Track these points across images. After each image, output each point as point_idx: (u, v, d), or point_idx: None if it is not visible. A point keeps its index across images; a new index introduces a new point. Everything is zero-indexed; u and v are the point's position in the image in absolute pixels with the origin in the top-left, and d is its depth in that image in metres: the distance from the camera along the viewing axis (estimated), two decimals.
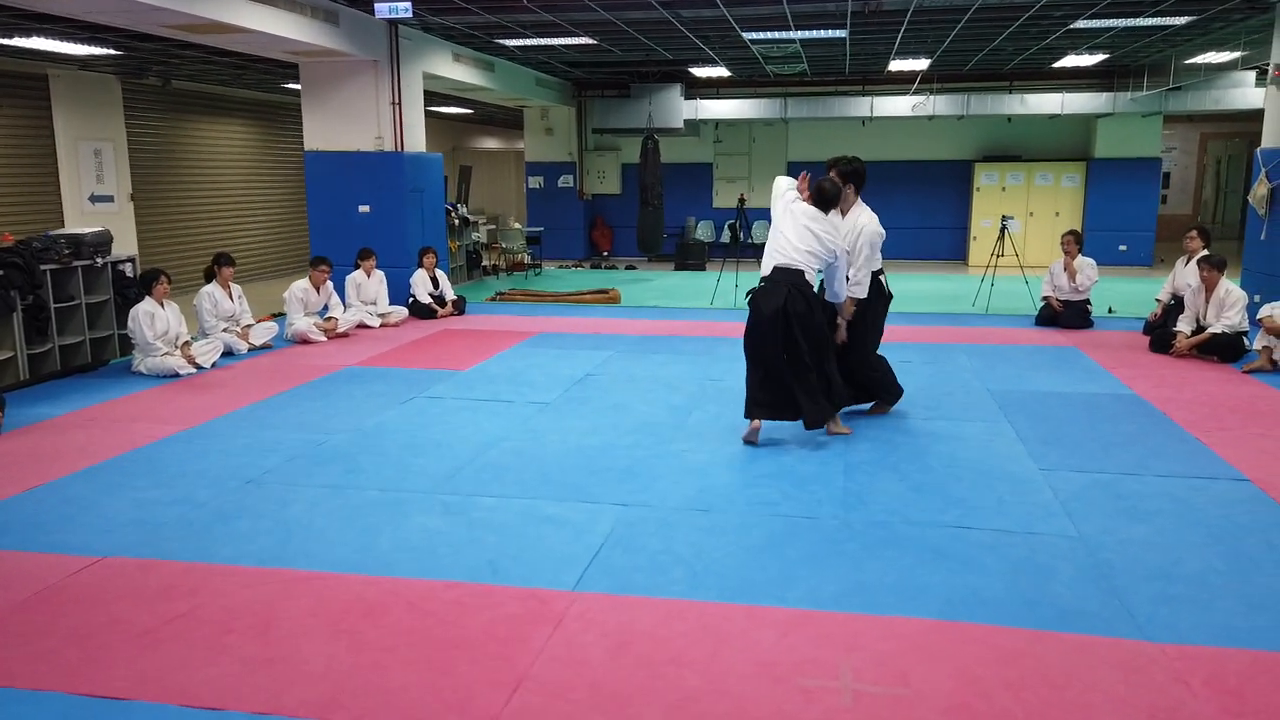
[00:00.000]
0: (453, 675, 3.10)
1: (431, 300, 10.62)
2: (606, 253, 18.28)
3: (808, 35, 11.50)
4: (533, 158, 18.20)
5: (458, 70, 12.27)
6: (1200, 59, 13.05)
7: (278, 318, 9.66)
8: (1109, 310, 10.88)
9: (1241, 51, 11.96)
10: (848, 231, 6.04)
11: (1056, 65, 14.73)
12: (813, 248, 5.76)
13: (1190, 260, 8.92)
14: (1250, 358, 7.81)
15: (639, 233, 15.41)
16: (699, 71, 15.45)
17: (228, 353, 8.36)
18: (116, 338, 8.17)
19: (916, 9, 9.88)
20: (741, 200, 12.70)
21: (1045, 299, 10.04)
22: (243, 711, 2.90)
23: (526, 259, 15.63)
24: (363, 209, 10.82)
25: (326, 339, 9.14)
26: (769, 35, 11.56)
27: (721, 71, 15.35)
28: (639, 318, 10.75)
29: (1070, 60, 14.12)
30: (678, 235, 17.44)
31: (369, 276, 10.06)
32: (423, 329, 9.91)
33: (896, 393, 6.46)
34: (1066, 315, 9.79)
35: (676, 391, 7.13)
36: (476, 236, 15.14)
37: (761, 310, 5.73)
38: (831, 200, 5.93)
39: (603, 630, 3.39)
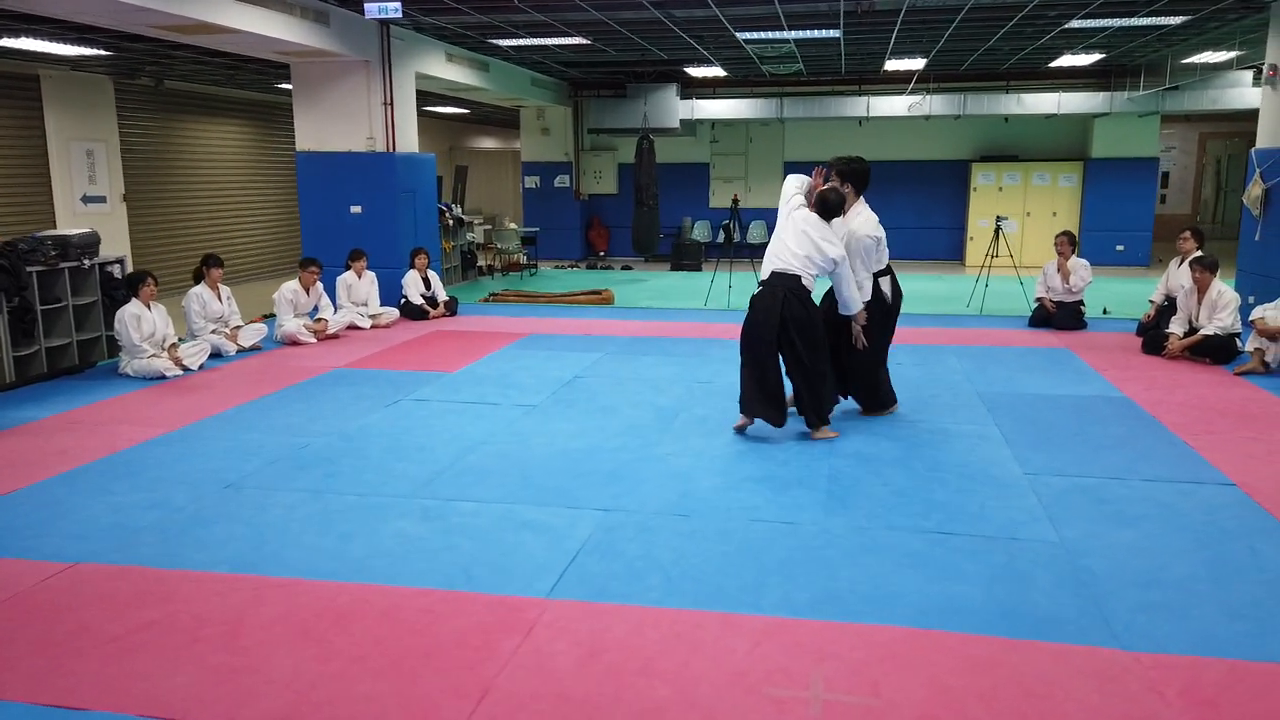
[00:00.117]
0: (418, 685, 3.07)
1: (423, 301, 10.58)
2: (603, 253, 18.24)
3: (801, 35, 11.47)
4: (529, 158, 18.18)
5: (451, 70, 12.24)
6: (1196, 59, 13.01)
7: (268, 319, 9.63)
8: (1104, 311, 10.84)
9: (1237, 51, 11.92)
10: (845, 234, 6.02)
11: (1053, 65, 14.69)
12: (810, 253, 5.78)
13: (1184, 261, 8.87)
14: (1242, 360, 7.76)
15: (634, 233, 15.38)
16: (695, 71, 15.42)
17: (216, 354, 8.33)
18: (104, 339, 8.13)
19: (909, 9, 9.84)
20: (735, 201, 12.67)
21: (1039, 300, 10.00)
22: None
23: (522, 259, 15.59)
24: (354, 210, 10.79)
25: (316, 340, 9.11)
26: (762, 35, 11.52)
27: (717, 71, 15.31)
28: (632, 319, 10.72)
29: (1066, 60, 14.08)
30: (674, 235, 17.40)
31: (360, 277, 10.03)
32: (414, 330, 9.88)
33: (886, 403, 6.43)
34: (1060, 316, 9.75)
35: (664, 394, 7.09)
36: (471, 237, 15.11)
37: (759, 313, 5.81)
38: (833, 209, 5.91)
39: (574, 639, 3.36)
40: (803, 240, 5.80)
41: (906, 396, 6.70)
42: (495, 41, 11.93)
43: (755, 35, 11.53)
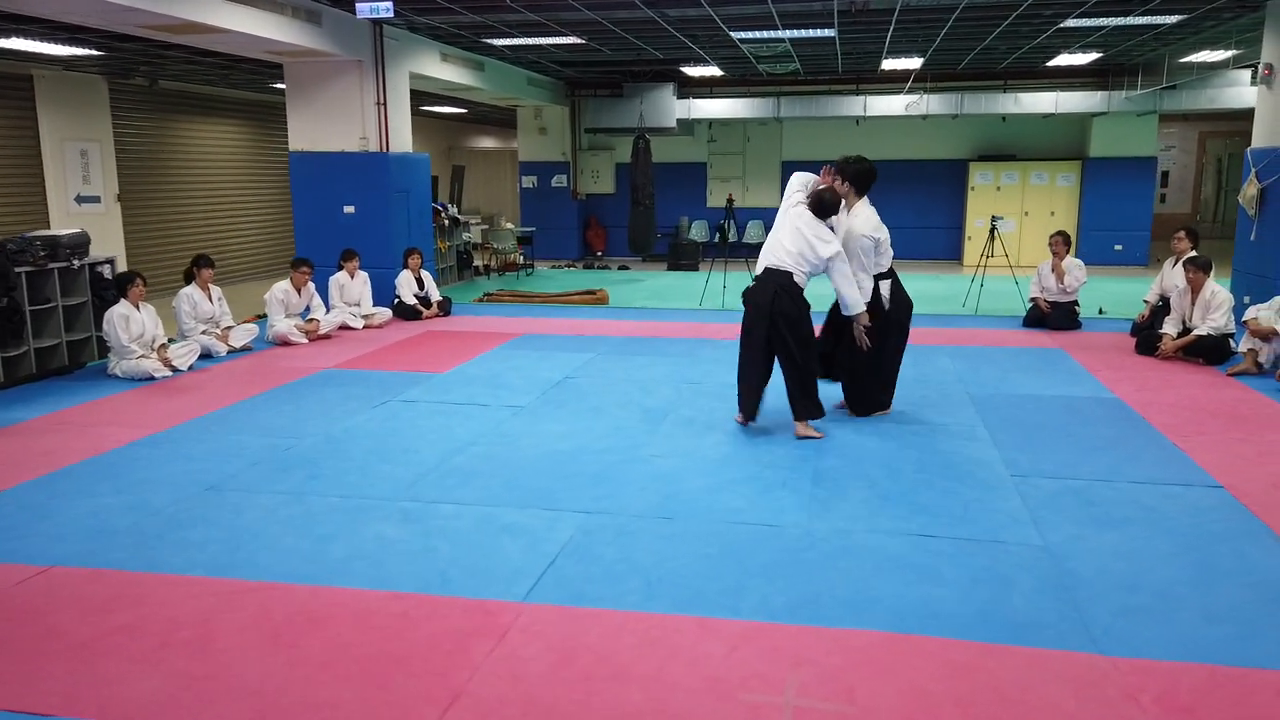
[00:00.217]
0: (388, 691, 3.04)
1: (416, 301, 10.56)
2: (600, 253, 18.20)
3: (796, 34, 11.43)
4: (526, 157, 18.14)
5: (446, 70, 12.21)
6: (1193, 58, 12.95)
7: (261, 320, 9.61)
8: (1099, 311, 10.79)
9: (1233, 51, 11.87)
10: (844, 234, 6.03)
11: (1050, 64, 14.64)
12: (803, 250, 5.81)
13: (1178, 261, 8.82)
14: (1235, 360, 7.72)
15: (630, 233, 15.34)
16: (691, 71, 15.38)
17: (206, 355, 8.31)
18: (95, 340, 8.11)
19: (904, 8, 9.80)
20: (730, 201, 12.63)
21: (1033, 300, 9.96)
22: None
23: (519, 259, 15.56)
24: (348, 210, 10.77)
25: (308, 341, 9.08)
26: (757, 34, 11.48)
27: (714, 71, 15.27)
28: (625, 319, 10.68)
29: (1064, 59, 14.03)
30: (671, 235, 17.36)
31: (352, 278, 10.00)
32: (406, 330, 9.86)
33: (874, 408, 6.40)
34: (1054, 316, 9.71)
35: (654, 395, 7.06)
36: (467, 237, 15.07)
37: (750, 309, 5.93)
38: (828, 208, 5.93)
39: (547, 643, 3.33)
40: (797, 238, 5.84)
41: (897, 397, 6.65)
42: (489, 41, 11.90)
43: (750, 34, 11.49)
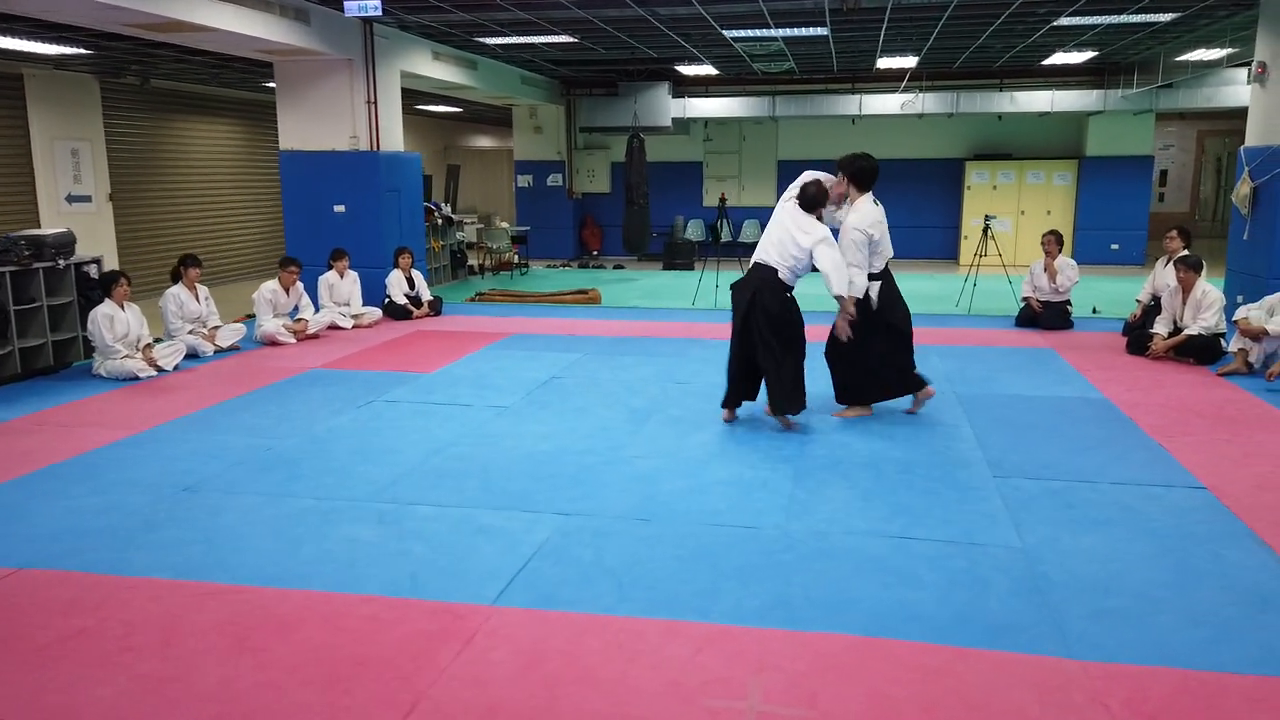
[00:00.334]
0: (350, 695, 3.01)
1: (407, 301, 10.53)
2: (596, 252, 18.17)
3: (789, 33, 11.39)
4: (521, 156, 18.11)
5: (438, 69, 12.17)
6: (1188, 56, 12.89)
7: (250, 320, 9.58)
8: (1093, 310, 10.76)
9: (1228, 49, 11.81)
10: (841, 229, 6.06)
11: (1046, 63, 14.58)
12: (785, 243, 5.87)
13: (1170, 260, 8.79)
14: (1226, 360, 7.68)
15: (625, 232, 15.31)
16: (686, 70, 15.34)
17: (193, 355, 8.28)
18: (81, 340, 8.08)
19: (896, 6, 9.76)
20: (722, 199, 12.60)
21: (1025, 300, 9.92)
22: None
23: (515, 259, 15.53)
24: (338, 209, 10.73)
25: (296, 341, 9.05)
26: (750, 33, 11.44)
27: (709, 70, 15.23)
28: (617, 318, 10.65)
29: (1059, 58, 13.97)
30: (666, 235, 17.32)
31: (342, 277, 9.97)
32: (396, 330, 9.83)
33: (853, 401, 6.36)
34: (1046, 316, 9.67)
35: (640, 395, 7.03)
36: (461, 236, 15.04)
37: (733, 303, 6.07)
38: (812, 202, 5.96)
39: (514, 647, 3.29)
40: (781, 231, 5.91)
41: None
42: (481, 40, 11.86)
43: (742, 33, 11.45)
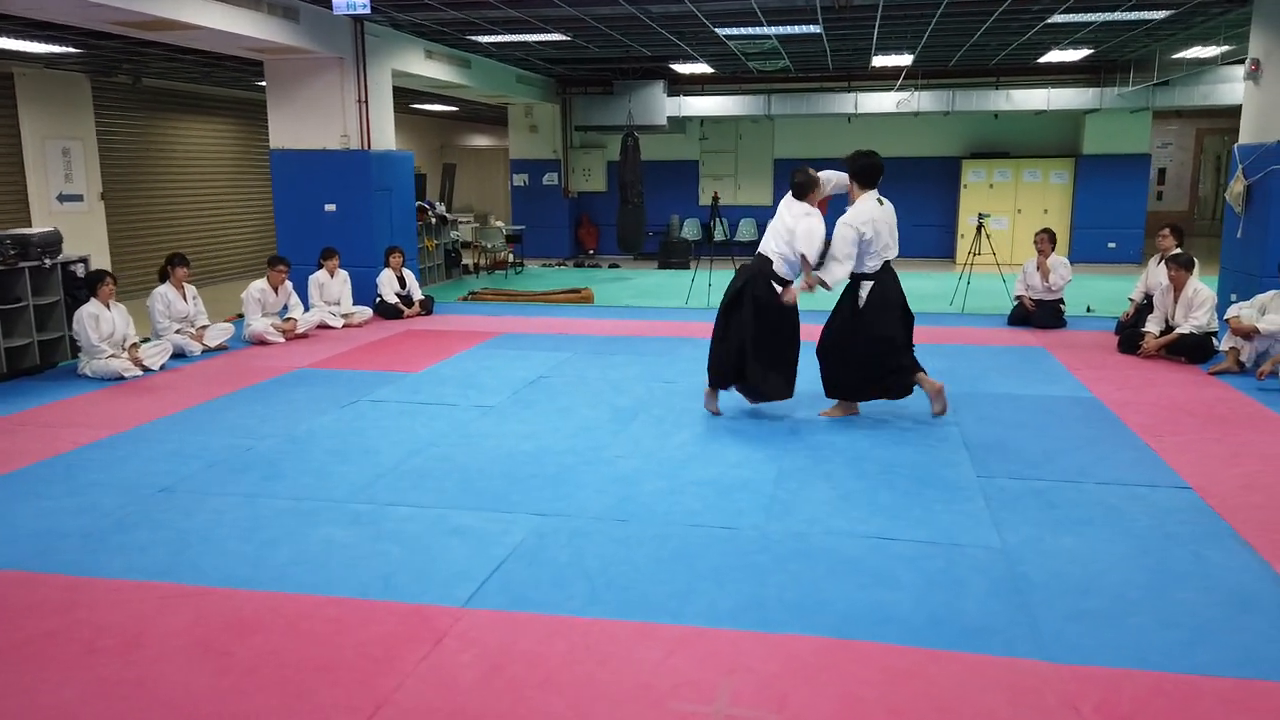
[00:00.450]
0: (312, 699, 2.97)
1: (398, 300, 10.49)
2: (592, 251, 18.13)
3: (782, 31, 11.34)
4: (517, 155, 18.08)
5: (431, 68, 12.13)
6: (1184, 54, 12.83)
7: (240, 319, 9.54)
8: (1087, 309, 10.71)
9: (1223, 47, 11.75)
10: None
11: (1042, 61, 14.53)
12: (778, 230, 6.05)
13: (1163, 259, 8.73)
14: (1217, 359, 7.63)
15: (619, 231, 15.26)
16: (681, 68, 15.30)
17: (180, 355, 8.25)
18: (67, 340, 8.05)
19: (888, 3, 9.72)
20: (715, 198, 12.55)
21: (1018, 298, 9.87)
22: None
23: (510, 258, 15.49)
24: (329, 208, 10.70)
25: (285, 340, 9.02)
26: (743, 31, 11.40)
27: (704, 68, 15.19)
28: (609, 318, 10.61)
29: (1055, 55, 13.92)
30: (662, 233, 17.28)
31: (332, 276, 9.94)
32: (386, 330, 9.79)
33: (850, 396, 6.31)
34: (1039, 315, 9.62)
35: (626, 394, 6.99)
36: (455, 235, 15.00)
37: (729, 285, 6.22)
38: (799, 188, 6.10)
39: (480, 650, 3.25)
40: (778, 222, 6.07)
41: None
42: (474, 38, 11.82)
43: (735, 31, 11.41)
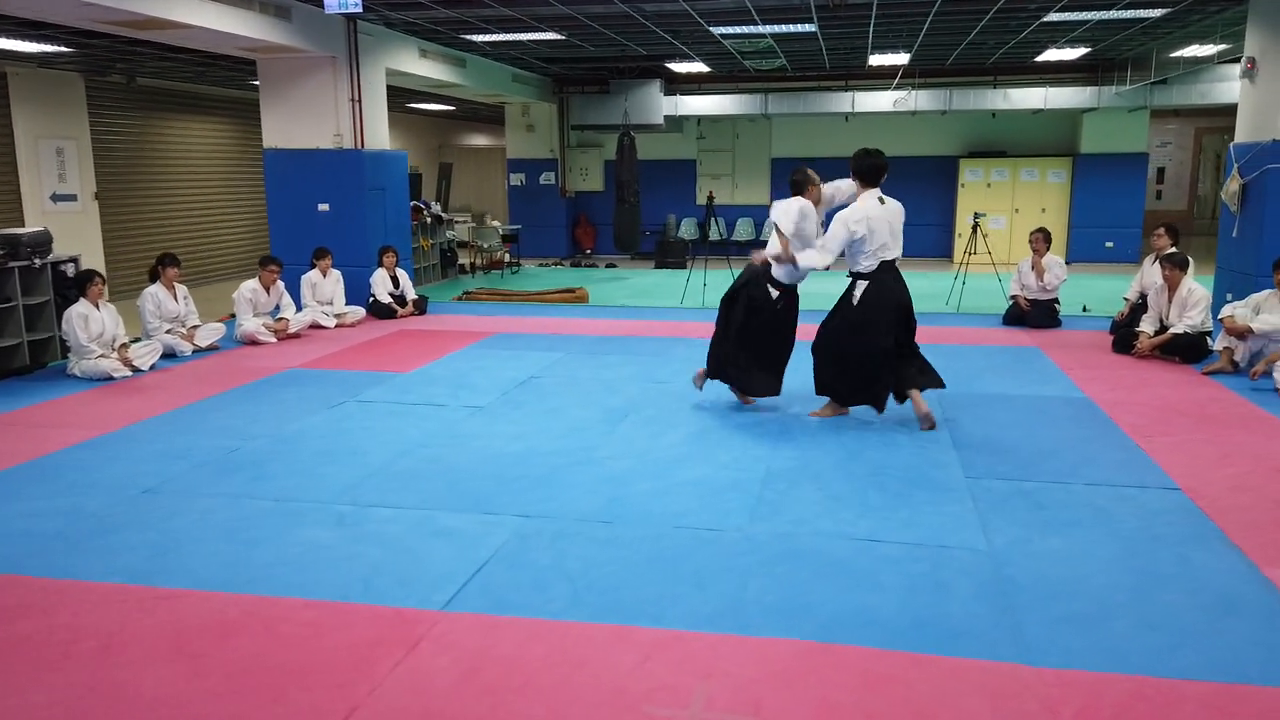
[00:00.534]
0: (285, 704, 2.94)
1: (391, 300, 10.47)
2: (589, 250, 18.10)
3: (777, 29, 11.31)
4: (514, 154, 18.05)
5: (426, 67, 12.11)
6: (1181, 53, 12.80)
7: (233, 319, 9.51)
8: (1083, 309, 10.68)
9: (1219, 45, 11.72)
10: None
11: (1039, 59, 14.50)
12: (774, 230, 6.16)
13: (1158, 258, 8.70)
14: (1212, 359, 7.60)
15: (615, 230, 15.24)
16: (678, 67, 15.28)
17: (170, 355, 8.22)
18: (57, 340, 8.02)
19: (882, 1, 9.69)
20: (710, 198, 12.53)
21: (1013, 298, 9.84)
22: None
23: (506, 257, 15.46)
24: (322, 207, 10.67)
25: (276, 340, 8.99)
26: (737, 30, 11.37)
27: (700, 67, 15.17)
28: (603, 317, 10.59)
29: (1052, 54, 13.89)
30: (659, 233, 17.26)
31: (325, 276, 9.91)
32: (378, 329, 9.76)
33: (834, 397, 6.29)
34: (1034, 315, 9.59)
35: (618, 394, 6.96)
36: (452, 235, 14.97)
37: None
38: (794, 186, 6.23)
39: (457, 655, 3.23)
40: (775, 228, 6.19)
41: None
42: (469, 37, 11.80)
43: (730, 30, 11.38)
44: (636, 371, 7.71)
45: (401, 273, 10.69)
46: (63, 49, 10.14)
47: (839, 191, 6.24)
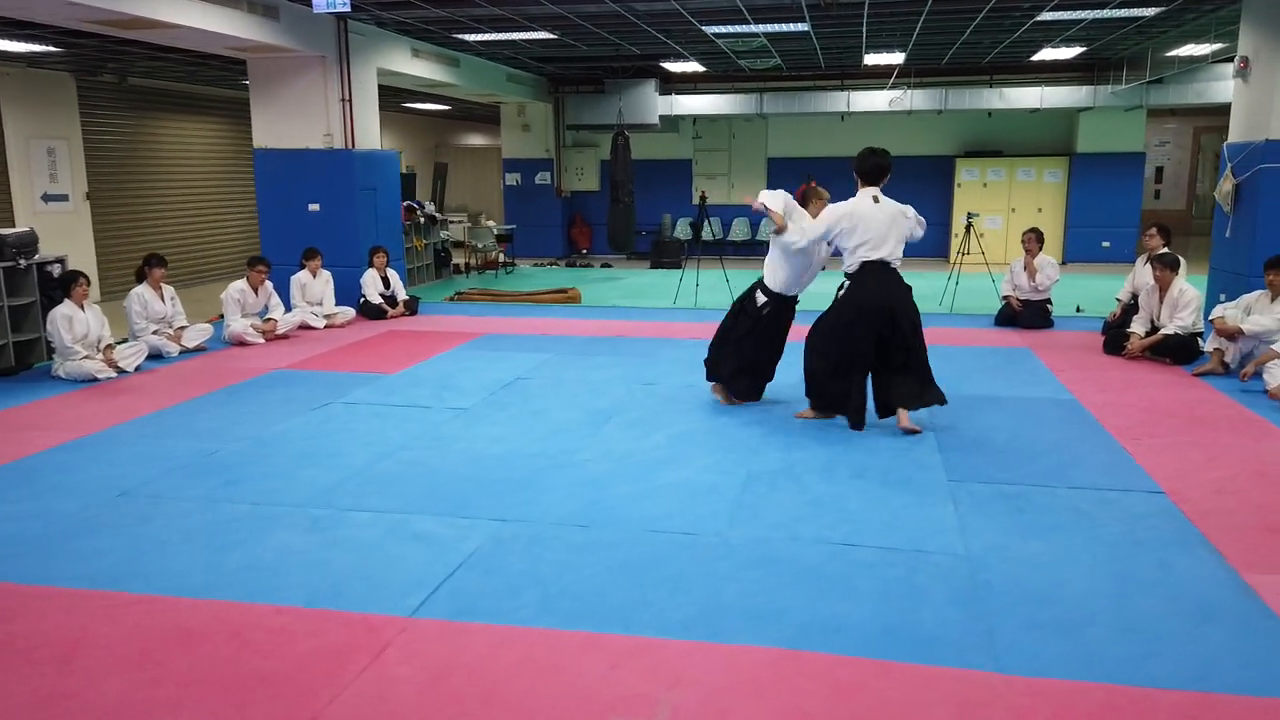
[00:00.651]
0: (246, 712, 2.91)
1: (382, 300, 10.43)
2: (585, 250, 18.05)
3: (769, 29, 11.26)
4: (510, 154, 18.00)
5: (418, 66, 12.06)
6: (1177, 52, 12.74)
7: (222, 320, 9.48)
8: (1077, 309, 10.64)
9: (1214, 45, 11.67)
10: None
11: (1035, 59, 14.44)
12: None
13: (1150, 258, 8.65)
14: (1202, 360, 7.55)
15: (610, 230, 15.18)
16: (672, 66, 15.23)
17: (157, 356, 8.19)
18: (43, 341, 7.99)
19: (874, 1, 9.64)
20: (703, 197, 12.49)
21: (1005, 298, 9.80)
22: None
23: (501, 258, 15.42)
24: (312, 208, 10.63)
25: (265, 341, 8.95)
26: (730, 29, 11.33)
27: (695, 67, 15.12)
28: (595, 318, 10.54)
29: (1048, 53, 13.84)
30: (654, 233, 17.21)
31: (314, 276, 9.88)
32: (368, 330, 9.72)
33: (824, 403, 6.21)
34: (1026, 315, 9.54)
35: (604, 396, 6.92)
36: (446, 234, 14.93)
37: None
38: (801, 198, 6.41)
39: (423, 662, 3.19)
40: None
41: None
42: (461, 36, 11.76)
43: (722, 29, 11.33)
44: (624, 373, 7.66)
45: (392, 273, 10.65)
46: (51, 49, 10.11)
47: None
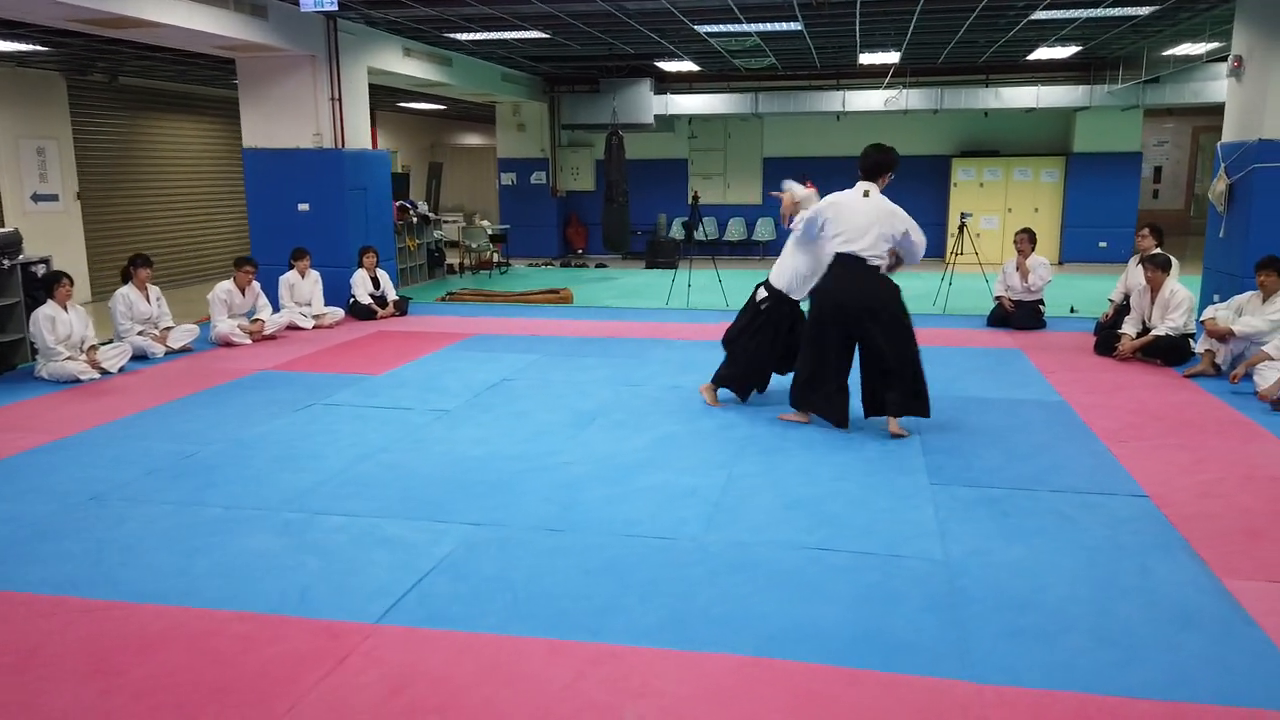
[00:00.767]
0: None
1: (372, 301, 10.37)
2: (581, 250, 18.00)
3: (762, 28, 11.20)
4: (505, 154, 17.94)
5: (410, 66, 12.01)
6: (1172, 51, 12.67)
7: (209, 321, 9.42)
8: (1071, 310, 10.57)
9: (1209, 44, 11.60)
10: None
11: (1031, 58, 14.38)
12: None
13: (1142, 259, 8.59)
14: (1193, 362, 7.48)
15: (604, 230, 15.13)
16: (667, 66, 15.18)
17: (142, 356, 8.13)
18: (28, 341, 7.94)
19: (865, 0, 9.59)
20: (695, 197, 12.43)
21: (998, 299, 9.73)
22: None
23: (495, 257, 15.37)
24: (301, 208, 10.58)
25: (251, 342, 8.90)
26: (722, 28, 11.27)
27: (689, 66, 15.06)
28: (586, 318, 10.48)
29: (1043, 53, 13.77)
30: (650, 233, 17.15)
31: (303, 277, 9.82)
32: (357, 331, 9.67)
33: (806, 404, 6.13)
34: (1018, 316, 9.48)
35: (589, 397, 6.86)
36: (440, 234, 14.87)
37: None
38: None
39: (383, 671, 3.13)
40: None
41: None
42: (452, 35, 11.70)
43: (715, 28, 11.28)
44: (611, 374, 7.60)
45: (382, 273, 10.59)
46: (39, 48, 10.06)
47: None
